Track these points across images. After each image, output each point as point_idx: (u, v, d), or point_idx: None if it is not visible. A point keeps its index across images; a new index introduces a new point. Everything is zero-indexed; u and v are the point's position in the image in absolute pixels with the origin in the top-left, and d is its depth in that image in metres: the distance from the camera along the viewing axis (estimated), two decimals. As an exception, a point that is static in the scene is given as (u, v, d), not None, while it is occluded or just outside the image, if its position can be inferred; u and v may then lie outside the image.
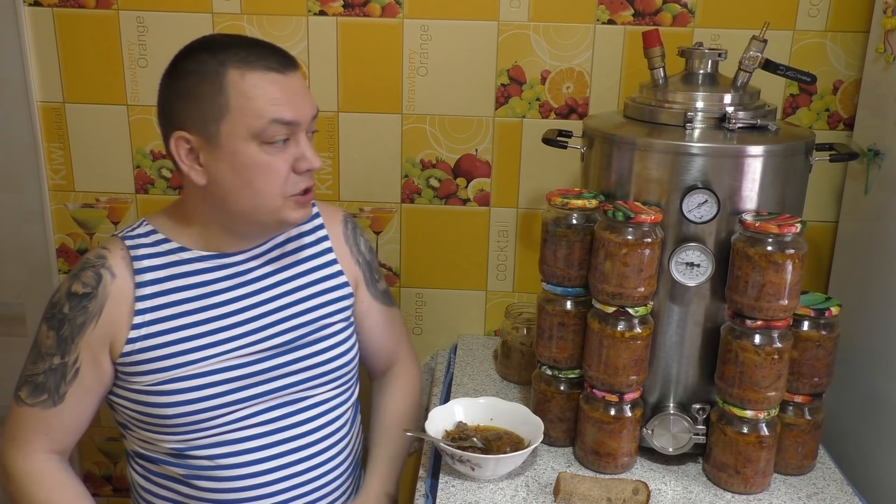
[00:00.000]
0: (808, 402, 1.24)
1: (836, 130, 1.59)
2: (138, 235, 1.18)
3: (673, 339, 1.23)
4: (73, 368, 1.14)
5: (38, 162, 1.64)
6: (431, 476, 1.24)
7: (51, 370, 1.14)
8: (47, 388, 1.14)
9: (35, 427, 1.16)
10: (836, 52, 1.54)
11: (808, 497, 1.20)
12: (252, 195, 1.10)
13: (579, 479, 1.16)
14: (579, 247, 1.23)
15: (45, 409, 1.15)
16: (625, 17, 1.55)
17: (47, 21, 1.58)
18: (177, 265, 1.16)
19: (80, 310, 1.13)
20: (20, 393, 1.16)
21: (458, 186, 1.65)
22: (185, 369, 1.14)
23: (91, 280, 1.13)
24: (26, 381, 1.16)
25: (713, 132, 1.19)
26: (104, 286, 1.13)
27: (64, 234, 1.71)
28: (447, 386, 1.53)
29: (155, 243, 1.17)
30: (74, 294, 1.14)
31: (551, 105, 1.60)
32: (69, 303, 1.14)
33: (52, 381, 1.14)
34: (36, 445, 1.16)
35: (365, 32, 1.57)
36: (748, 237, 1.13)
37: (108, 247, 1.17)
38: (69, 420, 1.16)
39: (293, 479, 1.21)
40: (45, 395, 1.14)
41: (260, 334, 1.19)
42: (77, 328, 1.13)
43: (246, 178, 1.08)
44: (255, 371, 1.18)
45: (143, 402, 1.15)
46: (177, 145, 1.10)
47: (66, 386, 1.14)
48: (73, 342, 1.13)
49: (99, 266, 1.14)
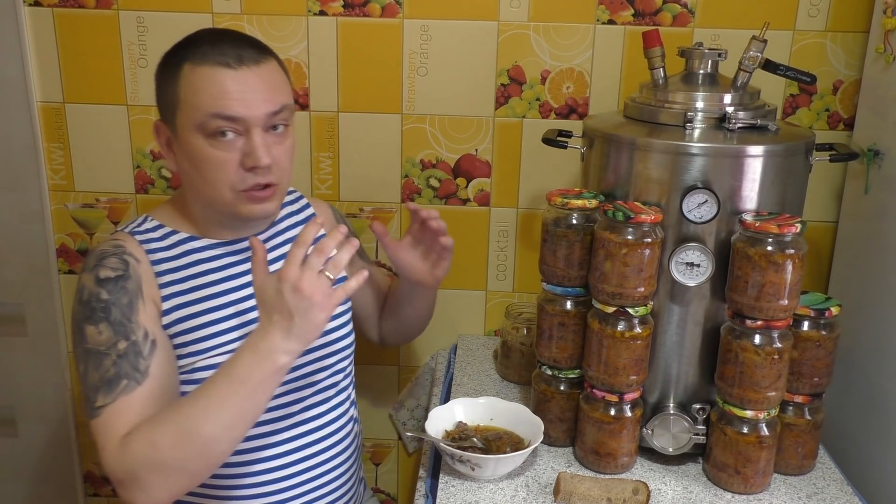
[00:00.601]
0: (808, 402, 1.24)
1: (836, 130, 1.59)
2: (146, 230, 1.18)
3: (673, 339, 1.23)
4: (148, 341, 1.08)
5: (38, 162, 1.64)
6: (431, 476, 1.24)
7: (120, 357, 1.06)
8: (124, 374, 1.06)
9: (124, 419, 1.04)
10: (836, 52, 1.54)
11: (808, 497, 1.20)
12: (204, 186, 1.12)
13: (579, 479, 1.16)
14: (579, 247, 1.23)
15: (129, 394, 1.05)
16: (625, 17, 1.55)
17: (47, 21, 1.58)
18: (190, 254, 1.18)
19: (120, 291, 1.09)
20: (95, 404, 1.06)
21: (458, 186, 1.65)
22: (216, 353, 1.14)
23: (119, 265, 1.11)
24: (97, 388, 1.06)
25: (713, 132, 1.19)
26: (133, 268, 1.12)
27: (64, 234, 1.71)
28: (447, 386, 1.53)
29: (163, 237, 1.18)
30: (106, 279, 1.10)
31: (551, 105, 1.60)
32: (104, 289, 1.09)
33: (127, 364, 1.06)
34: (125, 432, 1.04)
35: (365, 32, 1.57)
36: (748, 237, 1.13)
37: (119, 238, 1.16)
38: (158, 394, 1.07)
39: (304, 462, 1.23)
40: (125, 381, 1.06)
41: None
42: (126, 308, 1.09)
43: (198, 169, 1.11)
44: None
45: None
46: (157, 133, 1.15)
47: (146, 360, 1.07)
48: (130, 321, 1.08)
49: (120, 252, 1.13)
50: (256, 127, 1.09)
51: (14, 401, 1.76)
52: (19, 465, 1.79)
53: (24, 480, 1.81)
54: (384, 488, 1.87)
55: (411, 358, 1.77)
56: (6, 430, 1.78)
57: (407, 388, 1.77)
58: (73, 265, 1.72)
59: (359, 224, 1.68)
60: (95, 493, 1.87)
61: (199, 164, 1.10)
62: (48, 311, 1.71)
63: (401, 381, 1.78)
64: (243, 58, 1.09)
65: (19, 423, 1.77)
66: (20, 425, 1.77)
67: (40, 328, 1.72)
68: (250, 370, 1.00)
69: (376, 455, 1.85)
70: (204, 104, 1.07)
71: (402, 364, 1.77)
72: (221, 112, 1.07)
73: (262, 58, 1.11)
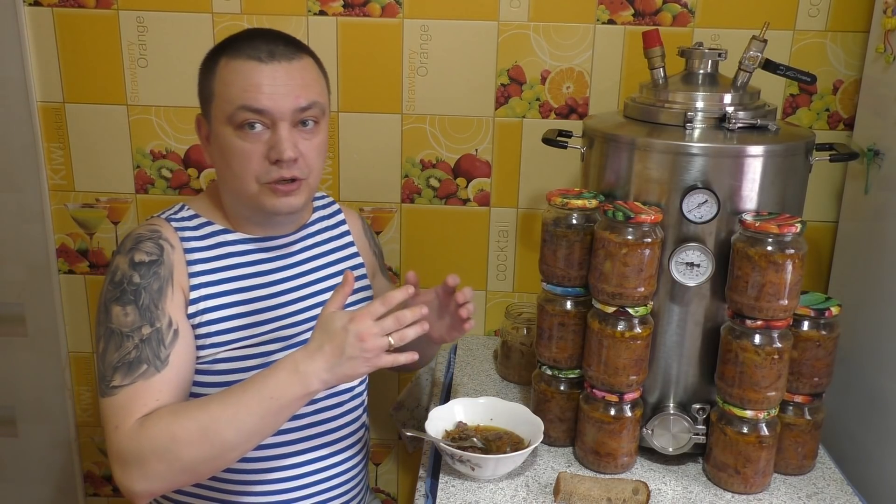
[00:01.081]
0: (808, 402, 1.24)
1: (836, 130, 1.59)
2: (182, 219, 1.19)
3: (673, 339, 1.23)
4: (171, 330, 1.09)
5: (38, 162, 1.64)
6: (431, 476, 1.24)
7: (143, 342, 1.07)
8: (144, 359, 1.06)
9: (142, 402, 1.05)
10: (836, 52, 1.54)
11: (808, 497, 1.20)
12: (232, 178, 1.14)
13: (579, 479, 1.16)
14: (579, 247, 1.23)
15: (148, 380, 1.06)
16: (625, 17, 1.55)
17: (47, 21, 1.58)
18: (223, 245, 1.19)
19: (152, 276, 1.10)
20: (112, 383, 1.06)
21: (458, 186, 1.65)
22: (238, 345, 1.15)
23: (154, 249, 1.13)
24: (116, 368, 1.06)
25: (713, 132, 1.19)
26: (167, 254, 1.13)
27: (64, 234, 1.71)
28: (447, 386, 1.53)
29: (198, 226, 1.19)
30: (141, 263, 1.11)
31: (551, 105, 1.60)
32: (137, 272, 1.10)
33: (149, 349, 1.07)
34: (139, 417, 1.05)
35: (365, 32, 1.57)
36: (748, 237, 1.13)
37: (155, 223, 1.17)
38: (176, 384, 1.08)
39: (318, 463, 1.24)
40: (145, 366, 1.06)
41: (303, 315, 1.23)
42: (156, 294, 1.10)
43: (227, 160, 1.13)
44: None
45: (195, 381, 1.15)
46: (199, 128, 1.18)
47: (167, 349, 1.08)
48: (157, 308, 1.09)
49: (157, 238, 1.14)
50: (283, 121, 1.11)
51: (14, 401, 1.76)
52: (19, 465, 1.79)
53: (24, 480, 1.81)
54: (384, 488, 1.87)
55: (411, 358, 1.77)
56: (6, 430, 1.78)
57: (407, 388, 1.77)
58: (73, 265, 1.72)
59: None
60: (95, 493, 1.87)
61: (228, 156, 1.12)
62: (48, 311, 1.71)
63: (401, 381, 1.78)
64: (275, 53, 1.11)
65: (19, 423, 1.77)
66: (20, 425, 1.77)
67: (40, 328, 1.72)
68: (284, 388, 1.01)
69: (376, 455, 1.85)
70: (234, 96, 1.10)
71: (402, 364, 1.77)
72: (249, 104, 1.09)
73: (296, 54, 1.13)
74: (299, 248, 1.26)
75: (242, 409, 1.01)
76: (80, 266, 1.72)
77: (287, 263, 1.23)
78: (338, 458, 1.27)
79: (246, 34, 1.15)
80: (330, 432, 1.26)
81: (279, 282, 1.22)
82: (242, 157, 1.11)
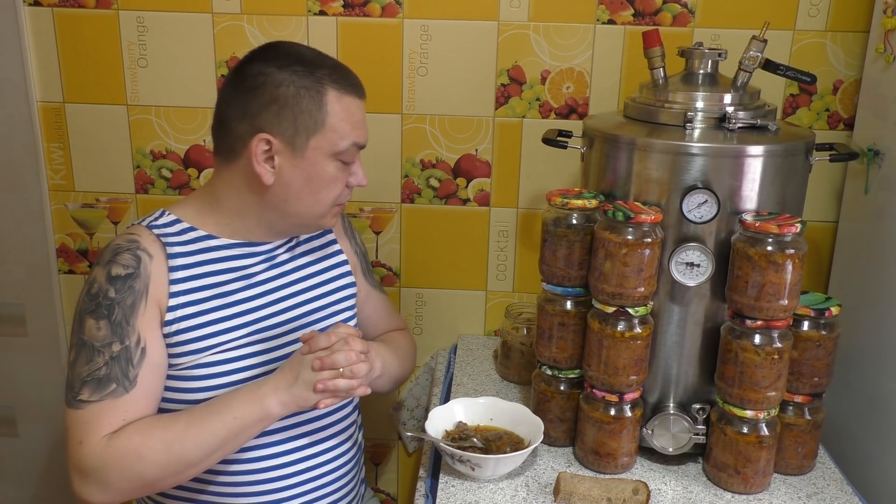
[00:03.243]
0: (808, 402, 1.24)
1: (836, 130, 1.59)
2: (163, 225, 1.19)
3: (673, 339, 1.23)
4: (139, 349, 1.11)
5: (38, 162, 1.64)
6: (431, 476, 1.24)
7: (112, 359, 1.10)
8: (114, 378, 1.09)
9: (108, 420, 1.08)
10: (836, 52, 1.54)
11: (808, 497, 1.20)
12: (312, 203, 1.18)
13: (579, 479, 1.16)
14: (579, 247, 1.23)
15: (117, 399, 1.09)
16: (625, 17, 1.55)
17: (47, 21, 1.58)
18: (206, 251, 1.19)
19: (126, 291, 1.12)
20: (80, 396, 1.09)
21: (458, 186, 1.65)
22: (219, 350, 1.16)
23: (131, 261, 1.13)
24: (84, 382, 1.10)
25: (713, 132, 1.19)
26: (144, 266, 1.13)
27: (64, 234, 1.71)
28: (447, 386, 1.53)
29: (180, 232, 1.19)
30: (117, 277, 1.12)
31: (551, 105, 1.60)
32: (113, 286, 1.12)
33: (118, 368, 1.10)
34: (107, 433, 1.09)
35: (365, 32, 1.57)
36: (748, 237, 1.13)
37: (135, 231, 1.17)
38: (144, 404, 1.11)
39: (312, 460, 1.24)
40: (114, 385, 1.09)
41: (289, 314, 1.24)
42: (129, 309, 1.11)
43: (315, 187, 1.17)
44: (282, 355, 1.21)
45: (174, 388, 1.15)
46: (257, 146, 1.14)
47: (135, 369, 1.10)
48: (128, 324, 1.11)
49: (134, 248, 1.15)
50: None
51: (14, 401, 1.76)
52: (19, 465, 1.80)
53: (24, 480, 1.81)
54: (384, 488, 1.87)
55: (411, 358, 1.77)
56: (6, 430, 1.78)
57: (407, 388, 1.77)
58: (73, 265, 1.72)
59: (359, 224, 1.68)
60: (95, 493, 1.87)
61: (317, 182, 1.16)
62: (48, 311, 1.71)
63: (401, 381, 1.78)
64: (363, 89, 1.20)
65: (19, 423, 1.77)
66: (20, 425, 1.77)
67: (40, 328, 1.72)
68: (246, 409, 1.09)
69: (376, 455, 1.85)
70: (347, 133, 1.16)
71: (402, 364, 1.77)
72: (360, 142, 1.18)
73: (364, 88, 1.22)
74: (283, 251, 1.26)
75: (206, 429, 1.08)
76: (80, 266, 1.72)
77: (270, 265, 1.24)
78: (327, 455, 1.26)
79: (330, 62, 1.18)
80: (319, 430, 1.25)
81: (262, 283, 1.22)
82: (333, 185, 1.18)
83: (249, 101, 1.14)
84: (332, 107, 1.14)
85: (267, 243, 1.24)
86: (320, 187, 1.17)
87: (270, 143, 1.13)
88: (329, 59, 1.19)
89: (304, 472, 1.23)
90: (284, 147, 1.14)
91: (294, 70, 1.14)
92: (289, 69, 1.14)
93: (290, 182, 1.16)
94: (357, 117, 1.17)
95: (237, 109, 1.15)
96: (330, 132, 1.14)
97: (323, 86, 1.14)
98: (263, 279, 1.23)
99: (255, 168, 1.14)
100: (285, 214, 1.19)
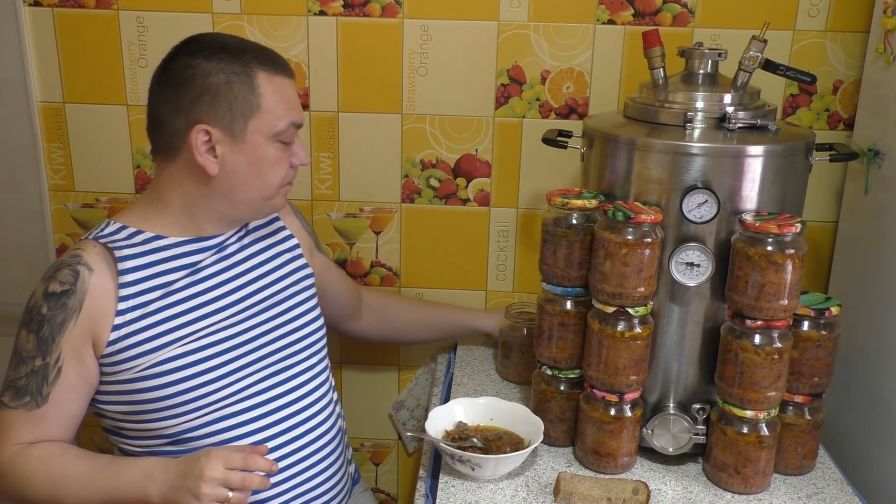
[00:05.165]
0: (808, 402, 1.24)
1: (836, 130, 1.59)
2: (109, 234, 1.19)
3: (673, 339, 1.23)
4: (56, 368, 1.14)
5: (38, 162, 1.64)
6: (431, 476, 1.24)
7: (32, 373, 1.14)
8: (29, 391, 1.14)
9: (19, 429, 1.15)
10: (836, 52, 1.54)
11: (808, 497, 1.20)
12: (260, 186, 1.19)
13: (579, 479, 1.16)
14: (579, 247, 1.23)
15: (29, 411, 1.14)
16: (625, 17, 1.55)
17: (47, 21, 1.58)
18: (157, 251, 1.19)
19: (59, 308, 1.14)
20: (3, 398, 1.16)
21: (458, 186, 1.65)
22: (176, 346, 1.16)
23: (68, 277, 1.14)
24: (8, 386, 1.16)
25: (713, 132, 1.19)
26: (82, 281, 1.14)
27: (64, 234, 1.71)
28: (447, 386, 1.53)
29: (128, 237, 1.19)
30: (52, 294, 1.14)
31: (551, 105, 1.60)
32: (47, 303, 1.14)
33: (35, 383, 1.14)
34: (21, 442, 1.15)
35: (365, 32, 1.57)
36: (748, 237, 1.13)
37: (80, 246, 1.18)
38: (55, 421, 1.16)
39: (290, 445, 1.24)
40: (28, 398, 1.14)
41: (243, 304, 1.24)
42: (57, 327, 1.13)
43: (260, 171, 1.18)
44: (242, 341, 1.22)
45: (137, 389, 1.16)
46: (196, 137, 1.15)
47: (48, 387, 1.14)
48: (53, 342, 1.14)
49: (74, 264, 1.16)
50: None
51: (14, 401, 1.76)
52: (19, 465, 1.79)
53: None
54: (384, 488, 1.87)
55: (411, 358, 1.77)
56: (6, 430, 1.78)
57: (407, 388, 1.77)
58: (73, 265, 1.72)
59: (359, 224, 1.68)
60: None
61: (262, 165, 1.17)
62: (48, 311, 1.71)
63: (401, 381, 1.78)
64: (290, 68, 1.21)
65: (19, 423, 1.77)
66: (20, 425, 1.77)
67: (40, 328, 1.72)
68: (132, 483, 1.10)
69: (376, 455, 1.85)
70: (283, 113, 1.17)
71: (402, 364, 1.77)
72: (296, 121, 1.20)
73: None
74: (233, 241, 1.27)
75: (89, 489, 1.11)
76: (80, 266, 1.72)
77: (220, 257, 1.24)
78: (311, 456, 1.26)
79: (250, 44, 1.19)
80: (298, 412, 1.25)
81: (211, 276, 1.22)
82: (277, 166, 1.19)
83: (181, 94, 1.15)
84: (265, 88, 1.15)
85: (217, 236, 1.24)
86: (265, 170, 1.18)
87: (209, 133, 1.14)
88: (252, 43, 1.21)
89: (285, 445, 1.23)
90: (224, 135, 1.15)
91: (220, 58, 1.14)
92: (215, 58, 1.14)
93: (235, 169, 1.16)
94: (290, 96, 1.19)
95: (170, 105, 1.16)
96: (266, 114, 1.15)
97: (252, 69, 1.15)
98: (213, 272, 1.23)
99: (198, 160, 1.15)
100: (235, 202, 1.20)
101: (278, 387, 1.24)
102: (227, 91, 1.14)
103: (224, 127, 1.15)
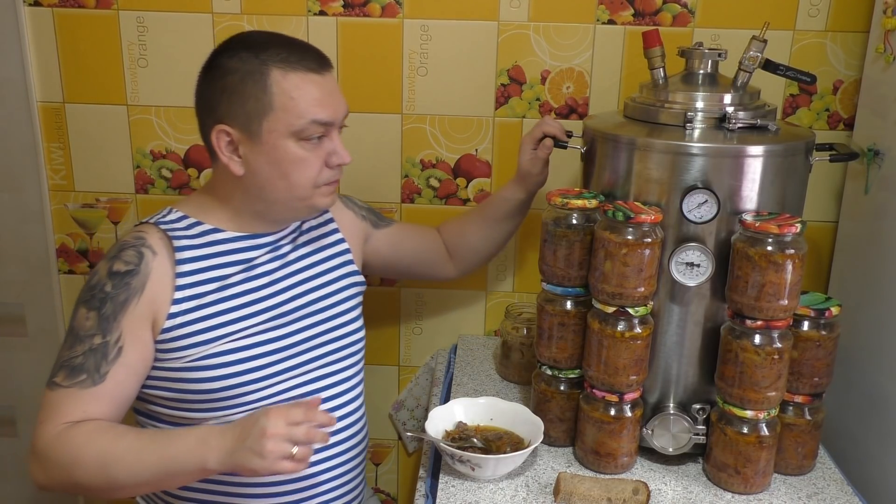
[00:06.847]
0: (808, 402, 1.24)
1: (836, 130, 1.59)
2: (170, 221, 1.20)
3: (673, 339, 1.23)
4: (116, 347, 1.12)
5: (38, 162, 1.64)
6: (431, 476, 1.24)
7: (90, 351, 1.11)
8: (86, 369, 1.11)
9: (70, 408, 1.10)
10: (836, 52, 1.54)
11: (808, 497, 1.20)
12: (287, 186, 1.17)
13: (579, 479, 1.16)
14: (579, 247, 1.23)
15: (84, 390, 1.10)
16: (625, 17, 1.55)
17: (47, 21, 1.58)
18: (214, 244, 1.20)
19: (122, 287, 1.13)
20: (55, 378, 1.12)
21: (458, 186, 1.65)
22: (228, 340, 1.17)
23: (133, 258, 1.15)
24: (62, 366, 1.12)
25: (713, 132, 1.19)
26: (146, 263, 1.15)
27: (64, 234, 1.71)
28: (447, 386, 1.53)
29: (188, 227, 1.20)
30: (117, 272, 1.14)
31: (551, 105, 1.60)
32: (111, 281, 1.13)
33: (92, 361, 1.11)
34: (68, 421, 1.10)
35: (365, 32, 1.57)
36: (748, 237, 1.13)
37: (143, 230, 1.19)
38: (108, 400, 1.12)
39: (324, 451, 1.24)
40: (84, 376, 1.11)
41: (292, 304, 1.24)
42: (120, 305, 1.12)
43: (283, 171, 1.15)
44: (288, 344, 1.22)
45: (184, 378, 1.16)
46: (217, 138, 1.15)
47: (107, 365, 1.11)
48: (115, 320, 1.12)
49: (139, 245, 1.16)
50: (336, 128, 1.19)
51: (14, 401, 1.76)
52: (19, 465, 1.79)
53: (24, 480, 1.81)
54: (384, 488, 1.87)
55: (411, 358, 1.77)
56: (6, 430, 1.78)
57: (407, 388, 1.77)
58: (73, 265, 1.72)
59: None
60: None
61: (286, 165, 1.15)
62: (48, 311, 1.71)
63: (401, 381, 1.78)
64: (323, 63, 1.17)
65: (19, 423, 1.77)
66: (20, 425, 1.77)
67: (40, 328, 1.72)
68: (186, 453, 1.04)
69: (376, 455, 1.85)
70: (304, 111, 1.13)
71: (402, 364, 1.77)
72: (320, 118, 1.15)
73: (329, 62, 1.19)
74: (287, 241, 1.27)
75: (143, 461, 1.05)
76: (80, 266, 1.72)
77: (273, 256, 1.25)
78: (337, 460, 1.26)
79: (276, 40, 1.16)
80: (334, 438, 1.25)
81: (265, 273, 1.23)
82: (304, 165, 1.16)
83: (207, 93, 1.17)
84: (278, 87, 1.13)
85: (271, 234, 1.25)
86: (289, 170, 1.15)
87: (229, 133, 1.14)
88: (280, 39, 1.17)
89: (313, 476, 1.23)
90: (242, 135, 1.14)
91: (241, 57, 1.14)
92: (236, 57, 1.14)
93: (258, 170, 1.16)
94: (314, 94, 1.14)
95: (202, 103, 1.18)
96: (280, 112, 1.13)
97: (266, 67, 1.13)
98: (267, 270, 1.23)
99: (223, 160, 1.16)
100: (268, 202, 1.19)
101: (318, 391, 1.25)
102: (242, 91, 1.13)
103: (241, 127, 1.14)
